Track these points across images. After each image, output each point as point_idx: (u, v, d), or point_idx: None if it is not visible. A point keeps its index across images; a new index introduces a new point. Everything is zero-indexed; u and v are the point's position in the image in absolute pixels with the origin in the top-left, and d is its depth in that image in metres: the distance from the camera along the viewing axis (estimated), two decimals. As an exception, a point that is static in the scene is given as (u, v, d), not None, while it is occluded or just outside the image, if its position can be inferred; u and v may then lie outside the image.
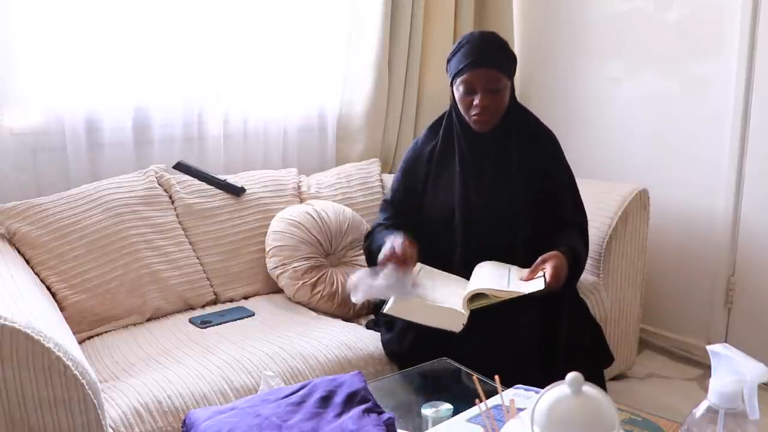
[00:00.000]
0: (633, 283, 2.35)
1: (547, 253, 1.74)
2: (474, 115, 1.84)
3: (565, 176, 1.96)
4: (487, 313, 1.65)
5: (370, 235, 2.00)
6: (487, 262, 1.83)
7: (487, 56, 1.82)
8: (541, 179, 1.90)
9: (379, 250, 1.79)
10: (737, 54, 2.35)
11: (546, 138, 1.97)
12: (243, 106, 2.46)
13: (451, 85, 1.89)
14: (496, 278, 1.73)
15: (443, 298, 1.67)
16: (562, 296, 1.78)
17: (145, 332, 1.89)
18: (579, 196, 1.97)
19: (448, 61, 1.90)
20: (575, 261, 1.79)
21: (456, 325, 1.62)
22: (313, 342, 1.80)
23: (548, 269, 1.69)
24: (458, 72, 1.83)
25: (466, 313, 1.63)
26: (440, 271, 1.83)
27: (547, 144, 1.96)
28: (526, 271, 1.75)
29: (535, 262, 1.74)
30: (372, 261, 1.92)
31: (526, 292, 1.64)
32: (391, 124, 2.74)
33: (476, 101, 1.82)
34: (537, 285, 1.64)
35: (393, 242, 1.74)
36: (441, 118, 2.00)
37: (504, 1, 2.89)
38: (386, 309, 1.68)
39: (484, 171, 1.90)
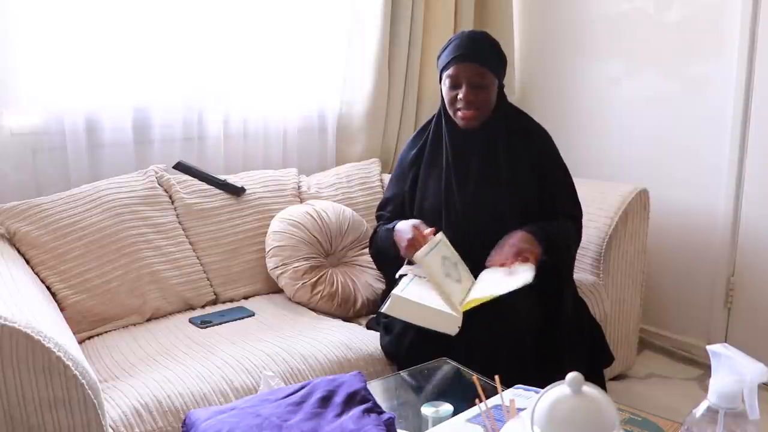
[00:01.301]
0: (633, 283, 2.35)
1: (506, 236, 1.77)
2: (458, 109, 1.85)
3: (558, 171, 1.95)
4: (484, 305, 1.65)
5: (374, 237, 2.01)
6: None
7: (473, 52, 1.83)
8: (531, 176, 1.89)
9: (389, 241, 1.85)
10: (737, 54, 2.35)
11: (538, 136, 1.96)
12: (243, 106, 2.46)
13: (440, 81, 1.90)
14: (491, 283, 1.72)
15: (439, 301, 1.67)
16: (555, 281, 1.80)
17: (145, 332, 1.89)
18: (574, 191, 1.96)
19: (438, 58, 1.91)
20: (544, 236, 1.79)
21: (451, 328, 1.62)
22: (313, 342, 1.80)
23: (511, 243, 1.73)
24: (445, 66, 1.85)
25: (459, 315, 1.63)
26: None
27: (538, 141, 1.95)
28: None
29: (498, 246, 1.76)
30: (381, 257, 1.96)
31: (517, 287, 1.63)
32: (391, 124, 2.74)
33: (460, 95, 1.83)
34: (526, 277, 1.65)
35: (412, 226, 1.79)
36: (429, 121, 2.02)
37: (504, 1, 2.89)
38: (384, 308, 1.69)
39: (469, 169, 1.90)
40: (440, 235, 1.80)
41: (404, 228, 1.83)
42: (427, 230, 1.79)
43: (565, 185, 1.95)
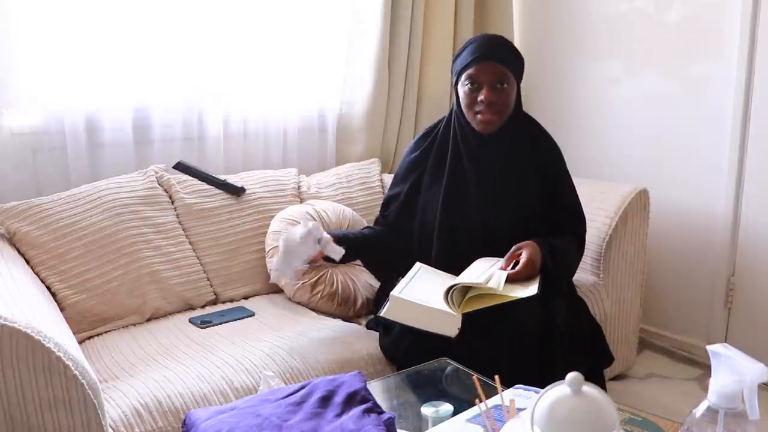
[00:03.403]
0: (633, 283, 2.35)
1: (522, 242, 1.75)
2: (478, 112, 1.81)
3: (567, 188, 1.93)
4: (486, 311, 1.64)
5: None
6: (480, 259, 1.82)
7: (494, 52, 1.80)
8: (539, 189, 1.87)
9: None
10: (737, 54, 2.35)
11: (550, 149, 1.94)
12: (243, 106, 2.46)
13: (456, 84, 1.86)
14: (485, 275, 1.71)
15: (439, 300, 1.67)
16: (558, 291, 1.78)
17: (145, 332, 1.89)
18: (580, 208, 1.94)
19: (454, 60, 1.87)
20: (551, 251, 1.78)
21: (451, 329, 1.61)
22: (313, 342, 1.80)
23: (523, 256, 1.71)
24: (464, 67, 1.80)
25: (458, 315, 1.62)
26: (440, 272, 1.82)
27: (550, 155, 1.93)
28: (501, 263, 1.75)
29: (510, 251, 1.75)
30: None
31: (520, 297, 1.63)
32: (391, 124, 2.74)
33: (481, 97, 1.79)
34: (531, 291, 1.64)
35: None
36: (435, 125, 1.98)
37: (504, 1, 2.89)
38: (382, 312, 1.68)
39: (486, 179, 1.86)
40: (417, 266, 1.80)
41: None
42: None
43: (573, 202, 1.93)
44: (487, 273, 1.70)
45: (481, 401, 1.12)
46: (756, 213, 2.40)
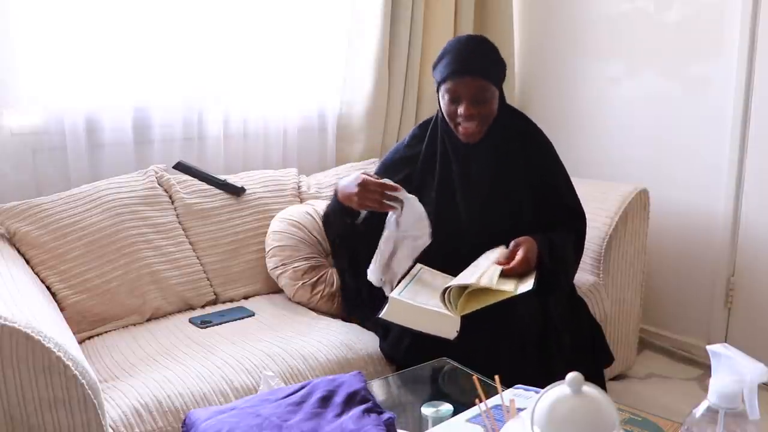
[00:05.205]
0: (633, 283, 2.35)
1: (520, 238, 1.74)
2: (459, 124, 1.79)
3: (562, 182, 1.93)
4: (485, 309, 1.63)
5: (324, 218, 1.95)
6: (484, 254, 1.81)
7: (472, 65, 1.76)
8: (533, 186, 1.86)
9: (335, 206, 1.81)
10: (737, 54, 2.35)
11: (541, 143, 1.93)
12: (243, 106, 2.46)
13: (437, 92, 1.84)
14: (479, 272, 1.69)
15: (438, 303, 1.66)
16: (555, 286, 1.78)
17: (145, 332, 1.89)
18: (578, 202, 1.93)
19: (434, 67, 1.84)
20: (549, 246, 1.76)
21: (450, 332, 1.61)
22: (313, 342, 1.80)
23: (520, 252, 1.69)
24: (443, 80, 1.78)
25: (457, 317, 1.62)
26: (440, 273, 1.82)
27: (542, 149, 1.92)
28: (498, 254, 1.74)
29: (509, 247, 1.73)
30: (331, 231, 1.91)
31: (516, 293, 1.62)
32: (391, 124, 2.74)
33: (461, 111, 1.76)
34: (526, 286, 1.64)
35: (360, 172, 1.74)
36: (426, 123, 1.95)
37: (504, 2, 2.89)
38: (382, 314, 1.68)
39: (478, 184, 1.85)
40: (418, 267, 1.78)
41: (348, 179, 1.75)
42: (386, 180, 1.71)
43: (570, 199, 1.92)
44: (481, 270, 1.69)
45: (481, 401, 1.12)
46: (756, 213, 2.40)
